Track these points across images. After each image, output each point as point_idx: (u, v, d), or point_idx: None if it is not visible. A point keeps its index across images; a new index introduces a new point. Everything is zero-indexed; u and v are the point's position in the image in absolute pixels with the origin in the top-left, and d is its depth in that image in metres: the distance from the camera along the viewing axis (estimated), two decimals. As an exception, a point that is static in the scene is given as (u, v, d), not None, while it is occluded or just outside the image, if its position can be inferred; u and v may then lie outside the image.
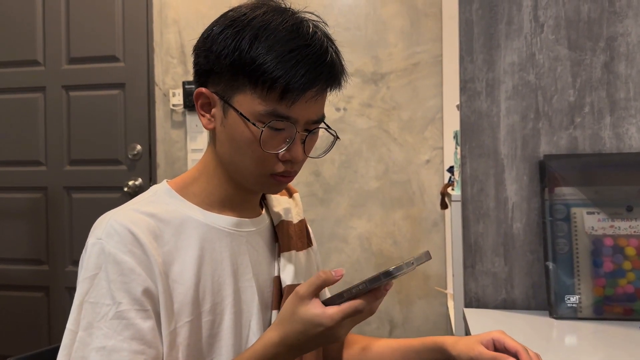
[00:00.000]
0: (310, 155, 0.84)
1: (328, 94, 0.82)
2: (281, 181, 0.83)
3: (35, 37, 2.64)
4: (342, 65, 0.82)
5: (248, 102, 0.77)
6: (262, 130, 0.76)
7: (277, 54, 0.75)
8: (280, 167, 0.80)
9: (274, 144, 0.78)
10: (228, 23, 0.78)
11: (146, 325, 0.73)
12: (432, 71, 2.37)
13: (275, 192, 0.91)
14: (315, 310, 0.70)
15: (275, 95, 0.76)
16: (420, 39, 2.38)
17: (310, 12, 0.82)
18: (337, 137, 0.87)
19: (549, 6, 1.11)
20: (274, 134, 0.78)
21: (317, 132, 0.83)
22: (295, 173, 0.83)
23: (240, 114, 0.77)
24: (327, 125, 0.85)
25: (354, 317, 0.71)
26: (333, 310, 0.70)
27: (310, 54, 0.76)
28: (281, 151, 0.78)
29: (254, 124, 0.76)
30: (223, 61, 0.77)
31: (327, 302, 0.72)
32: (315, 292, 0.72)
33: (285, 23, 0.77)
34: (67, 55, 2.62)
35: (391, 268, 0.68)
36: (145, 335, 0.73)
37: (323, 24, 0.82)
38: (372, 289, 0.70)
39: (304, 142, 0.81)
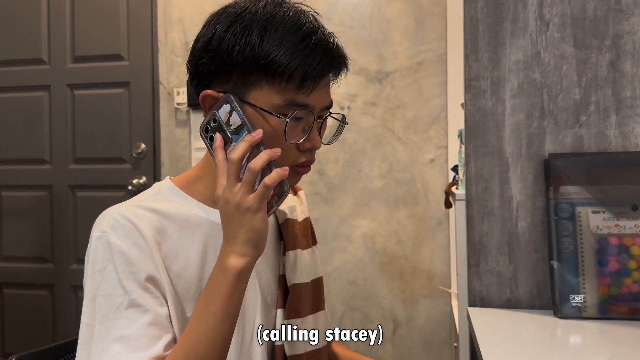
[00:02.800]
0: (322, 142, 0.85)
1: (336, 79, 0.84)
2: (301, 172, 0.83)
3: (40, 35, 2.64)
4: (344, 50, 0.83)
5: (265, 96, 0.77)
6: (287, 122, 0.76)
7: (290, 44, 0.75)
8: (301, 157, 0.81)
9: (294, 134, 0.79)
10: (232, 19, 0.78)
11: (162, 310, 0.74)
12: (436, 70, 2.36)
13: (294, 184, 0.91)
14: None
15: (294, 85, 0.76)
16: (424, 37, 2.37)
17: (300, 3, 0.83)
18: (344, 122, 0.87)
19: (554, 4, 1.10)
20: (295, 124, 0.78)
21: (327, 118, 0.84)
22: (313, 162, 0.84)
23: (260, 108, 0.77)
24: (331, 112, 0.86)
25: (247, 175, 0.71)
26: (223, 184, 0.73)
27: (321, 41, 0.78)
28: (302, 140, 0.79)
29: (278, 116, 0.76)
30: (235, 59, 0.76)
31: None
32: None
33: (288, 14, 0.78)
34: (72, 53, 2.63)
35: None
36: (162, 321, 0.74)
37: (316, 13, 0.83)
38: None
39: (319, 130, 0.82)
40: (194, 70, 0.82)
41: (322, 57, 0.77)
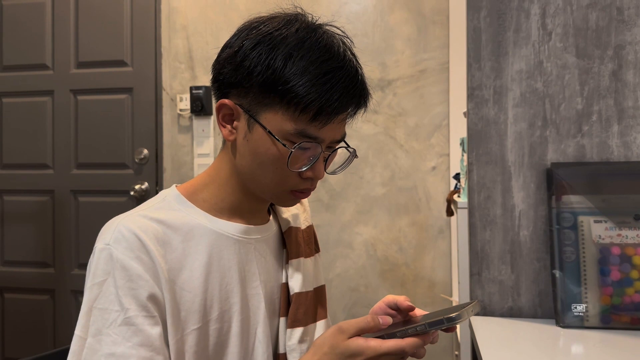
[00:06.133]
0: (326, 171, 0.84)
1: (353, 117, 0.83)
2: (299, 197, 0.83)
3: (45, 41, 2.66)
4: (368, 87, 0.82)
5: (277, 120, 0.76)
6: (292, 152, 0.76)
7: (311, 76, 0.74)
8: (302, 184, 0.81)
9: (298, 162, 0.78)
10: (260, 39, 0.77)
11: (154, 331, 0.73)
12: (439, 78, 2.37)
13: (291, 206, 0.91)
14: (358, 340, 0.69)
15: (307, 117, 0.75)
16: (427, 46, 2.38)
17: (336, 27, 0.82)
18: (355, 155, 0.87)
19: (557, 14, 1.11)
20: (300, 153, 0.78)
21: (337, 150, 0.84)
22: (314, 189, 0.84)
23: (269, 132, 0.77)
24: (346, 142, 0.86)
25: (396, 357, 0.69)
26: (376, 343, 0.68)
27: (344, 77, 0.76)
28: (304, 169, 0.78)
29: (284, 144, 0.76)
30: (255, 78, 0.76)
31: (377, 337, 0.71)
32: (359, 332, 0.71)
33: (318, 43, 0.77)
34: (75, 59, 2.64)
35: (453, 315, 0.66)
36: (153, 342, 0.73)
37: (349, 40, 0.82)
38: (426, 333, 0.69)
39: (325, 160, 0.81)
40: (216, 76, 0.82)
41: (341, 95, 0.75)
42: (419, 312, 0.79)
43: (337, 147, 0.83)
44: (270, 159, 0.78)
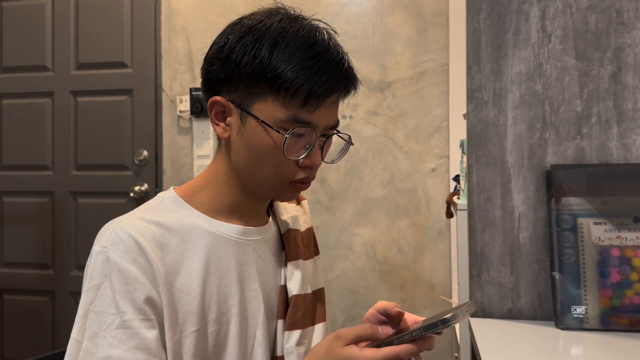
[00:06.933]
0: (325, 160, 0.84)
1: (343, 99, 0.84)
2: (299, 187, 0.83)
3: (45, 42, 2.66)
4: (355, 72, 0.83)
5: (269, 109, 0.77)
6: (286, 137, 0.76)
7: (298, 61, 0.75)
8: (300, 174, 0.81)
9: (294, 150, 0.79)
10: (245, 31, 0.78)
11: (150, 334, 0.73)
12: (438, 80, 2.37)
13: (291, 199, 0.91)
14: (352, 349, 0.69)
15: (298, 102, 0.76)
16: (427, 47, 2.38)
17: (319, 20, 0.83)
18: (350, 142, 0.87)
19: (556, 17, 1.11)
20: (295, 140, 0.78)
21: (332, 137, 0.84)
22: (313, 179, 0.84)
23: (262, 121, 0.77)
24: (338, 131, 0.86)
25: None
26: (370, 351, 0.68)
27: (330, 61, 0.78)
28: (302, 157, 0.79)
29: (278, 131, 0.77)
30: (243, 69, 0.77)
31: (374, 346, 0.71)
32: (356, 340, 0.70)
33: (302, 30, 0.78)
34: (75, 61, 2.64)
35: (448, 316, 0.66)
36: (150, 345, 0.73)
37: (333, 31, 0.83)
38: (422, 338, 0.68)
39: (321, 148, 0.82)
40: (205, 76, 0.83)
41: (329, 77, 0.77)
42: (410, 316, 0.79)
43: (331, 133, 0.83)
44: (266, 150, 0.78)
